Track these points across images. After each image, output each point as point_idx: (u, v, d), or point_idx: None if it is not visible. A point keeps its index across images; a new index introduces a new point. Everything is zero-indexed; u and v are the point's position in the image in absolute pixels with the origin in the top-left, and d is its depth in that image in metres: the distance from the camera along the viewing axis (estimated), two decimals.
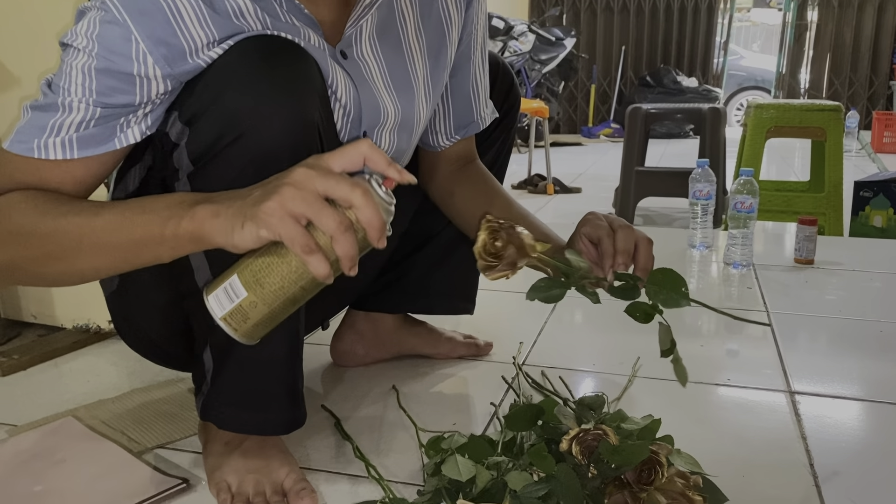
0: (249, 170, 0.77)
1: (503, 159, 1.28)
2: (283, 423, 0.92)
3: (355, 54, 0.92)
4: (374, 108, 0.95)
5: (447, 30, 1.03)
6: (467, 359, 1.34)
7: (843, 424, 1.10)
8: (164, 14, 0.76)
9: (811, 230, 1.97)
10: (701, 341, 1.46)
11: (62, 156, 0.76)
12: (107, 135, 0.78)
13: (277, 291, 0.69)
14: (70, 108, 0.75)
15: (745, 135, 2.85)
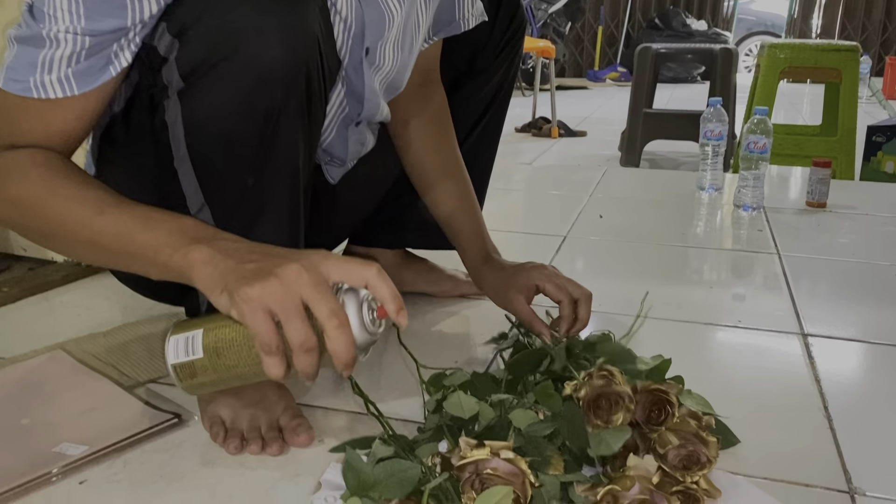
0: (243, 88, 0.72)
1: (505, 92, 1.21)
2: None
3: None
4: (378, 20, 0.89)
5: None
6: (470, 297, 1.30)
7: (857, 367, 1.07)
8: None
9: (825, 172, 1.91)
10: (709, 283, 1.42)
11: (62, 94, 0.71)
12: (101, 64, 0.72)
13: (231, 368, 0.67)
14: (57, 41, 0.69)
15: (758, 76, 2.76)
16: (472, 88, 1.18)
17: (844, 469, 0.81)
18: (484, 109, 1.20)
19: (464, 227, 1.09)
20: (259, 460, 0.82)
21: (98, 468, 0.80)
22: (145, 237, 0.69)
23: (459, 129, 1.14)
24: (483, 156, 1.25)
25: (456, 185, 1.09)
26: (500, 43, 1.16)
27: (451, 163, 1.10)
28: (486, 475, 0.67)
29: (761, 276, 1.45)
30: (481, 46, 1.15)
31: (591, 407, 0.77)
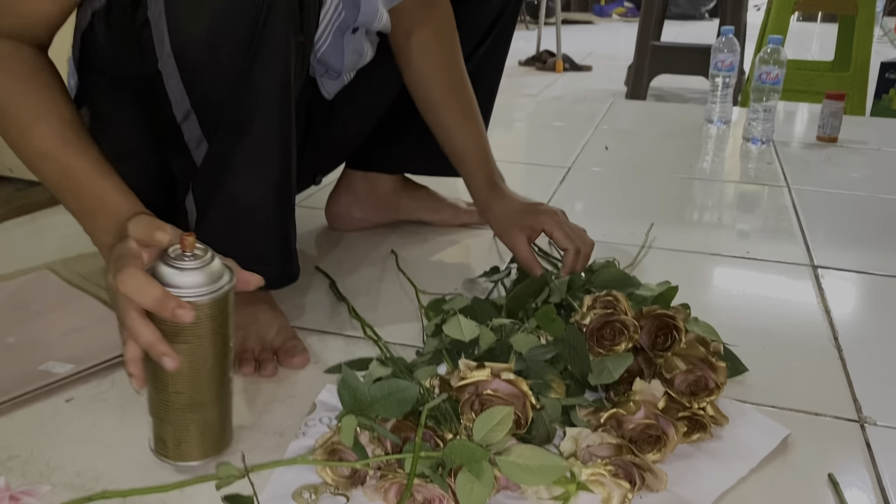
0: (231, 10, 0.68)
1: (511, 10, 1.14)
2: (273, 278, 0.84)
3: None
4: None
5: None
6: (470, 227, 1.26)
7: (868, 299, 1.04)
8: None
9: (838, 106, 1.85)
10: (717, 215, 1.38)
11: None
12: None
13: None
14: None
15: (770, 9, 2.67)
16: (475, 3, 1.10)
17: (854, 399, 0.78)
18: (488, 28, 1.13)
19: (469, 151, 1.04)
20: (252, 381, 0.79)
21: (85, 386, 0.77)
22: (79, 198, 0.69)
23: (463, 46, 1.07)
24: (487, 78, 1.19)
25: (461, 106, 1.03)
26: None
27: (457, 81, 1.04)
28: (486, 396, 0.65)
29: (770, 208, 1.41)
30: None
31: (596, 336, 0.74)
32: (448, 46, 1.03)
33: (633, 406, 0.66)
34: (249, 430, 0.71)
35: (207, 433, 0.63)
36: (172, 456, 0.63)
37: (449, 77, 1.03)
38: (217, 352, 0.61)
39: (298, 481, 0.62)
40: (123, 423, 0.71)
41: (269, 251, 0.82)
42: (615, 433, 0.65)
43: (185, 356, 0.59)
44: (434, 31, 1.02)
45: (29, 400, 0.74)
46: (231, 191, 0.77)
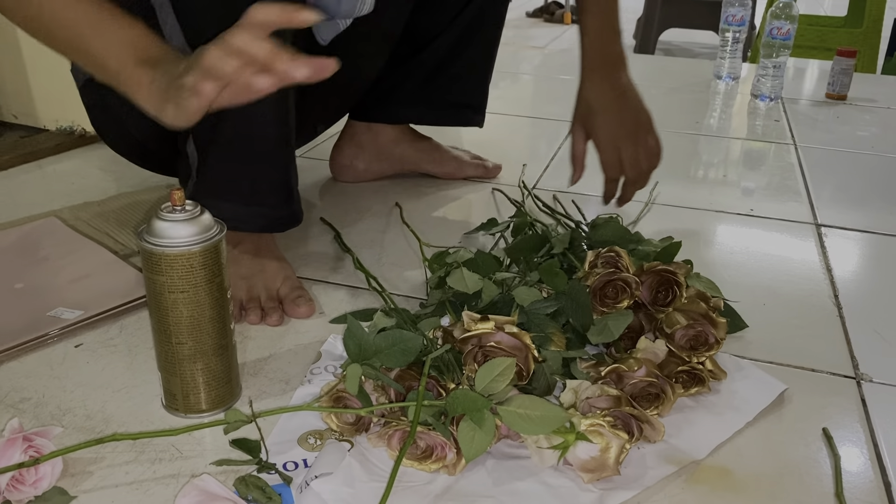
0: None
1: None
2: (276, 220, 0.85)
3: None
4: None
5: None
6: (474, 180, 1.26)
7: (870, 258, 1.05)
8: None
9: (849, 62, 1.83)
10: (722, 172, 1.38)
11: None
12: None
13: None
14: None
15: None
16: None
17: (852, 355, 0.80)
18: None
19: (588, 21, 1.00)
20: (258, 329, 0.80)
21: (94, 332, 0.79)
22: (96, 44, 0.64)
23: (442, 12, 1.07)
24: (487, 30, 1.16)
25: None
26: None
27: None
28: (490, 348, 0.66)
29: (776, 166, 1.40)
30: None
31: (598, 295, 0.75)
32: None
33: (634, 364, 0.67)
34: (255, 376, 0.72)
35: (213, 384, 0.65)
36: (182, 409, 0.65)
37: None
38: (213, 301, 0.62)
39: (304, 427, 0.64)
40: (132, 369, 0.73)
41: (271, 192, 0.83)
42: (615, 387, 0.66)
43: (183, 306, 0.61)
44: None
45: (38, 345, 0.75)
46: (227, 133, 0.77)
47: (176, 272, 0.61)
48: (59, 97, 1.38)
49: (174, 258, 0.60)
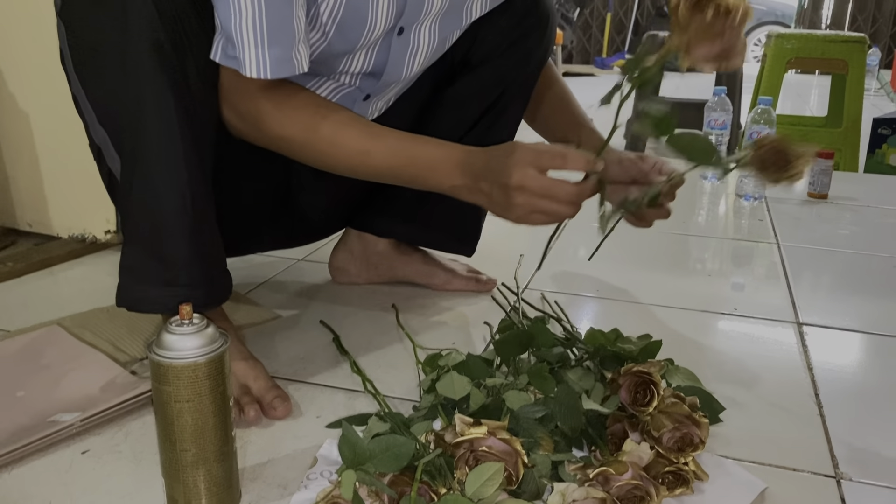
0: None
1: (513, 96, 1.13)
2: (193, 299, 0.85)
3: None
4: (417, 3, 0.92)
5: None
6: (464, 293, 1.27)
7: (850, 357, 1.08)
8: None
9: (827, 164, 1.91)
10: (708, 272, 1.43)
11: None
12: None
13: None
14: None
15: (764, 66, 2.76)
16: (460, 88, 1.11)
17: (832, 455, 0.82)
18: (483, 110, 1.12)
19: (561, 126, 1.13)
20: (258, 433, 0.83)
21: (100, 438, 0.82)
22: (425, 175, 0.88)
23: (453, 129, 1.11)
24: None
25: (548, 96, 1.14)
26: (506, 37, 1.08)
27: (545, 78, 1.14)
28: (481, 452, 0.69)
29: (760, 265, 1.46)
30: (482, 37, 1.08)
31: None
32: (559, 95, 1.15)
33: (621, 467, 0.70)
34: (255, 482, 0.75)
35: (215, 489, 0.68)
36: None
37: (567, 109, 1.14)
38: (217, 409, 0.66)
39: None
40: (136, 476, 0.76)
41: (185, 272, 0.85)
42: (602, 489, 0.69)
43: (188, 414, 0.64)
44: (551, 95, 1.14)
45: (46, 451, 0.78)
46: (139, 219, 0.83)
47: (182, 382, 0.65)
48: (72, 206, 1.44)
49: (181, 369, 0.64)
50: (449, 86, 1.12)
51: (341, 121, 0.87)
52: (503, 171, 0.82)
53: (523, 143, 0.84)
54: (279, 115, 0.86)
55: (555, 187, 0.82)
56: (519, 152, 0.82)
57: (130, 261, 0.86)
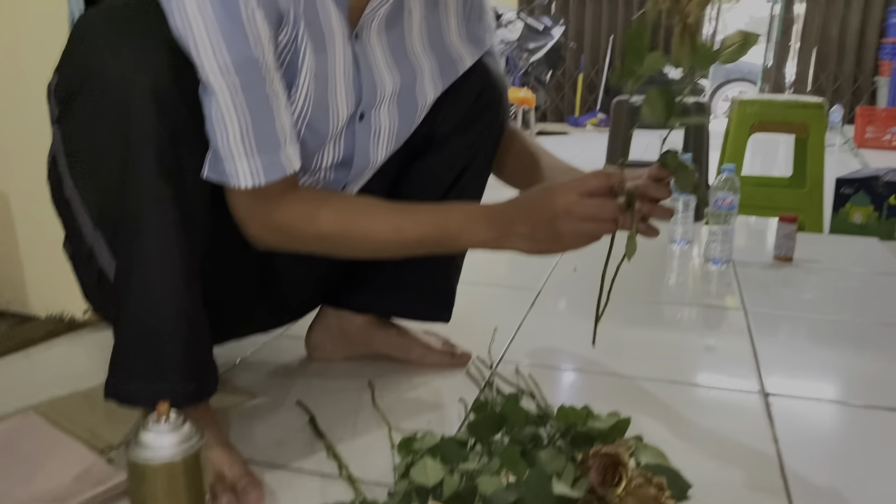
0: (98, 108, 0.82)
1: (475, 171, 1.19)
2: (179, 395, 0.88)
3: (364, 38, 0.97)
4: (371, 86, 0.99)
5: (446, 24, 1.07)
6: (440, 368, 1.28)
7: (815, 427, 1.11)
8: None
9: (790, 228, 1.98)
10: (678, 338, 1.46)
11: None
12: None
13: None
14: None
15: (729, 129, 2.85)
16: (429, 163, 1.17)
17: None
18: (453, 180, 1.18)
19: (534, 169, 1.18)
20: None
21: None
22: (454, 241, 0.96)
23: (426, 200, 1.13)
24: None
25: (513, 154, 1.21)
26: (463, 116, 1.14)
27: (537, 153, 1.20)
28: None
29: (727, 333, 1.50)
30: (441, 118, 1.14)
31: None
32: (524, 147, 1.21)
33: None
34: None
35: None
36: None
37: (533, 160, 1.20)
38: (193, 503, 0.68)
39: None
40: None
41: (173, 368, 0.88)
42: None
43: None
44: (514, 151, 1.21)
45: None
46: (129, 312, 0.86)
47: (159, 481, 0.66)
48: (50, 285, 1.46)
49: (157, 469, 0.66)
50: (417, 161, 1.18)
51: (371, 207, 0.97)
52: (545, 205, 0.91)
53: (551, 184, 0.93)
54: (314, 215, 0.93)
55: (599, 206, 0.90)
56: (556, 186, 0.91)
57: (122, 356, 0.89)
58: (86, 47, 0.82)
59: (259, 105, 0.84)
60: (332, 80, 0.95)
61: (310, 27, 0.90)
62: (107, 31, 0.82)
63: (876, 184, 2.67)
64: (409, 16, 1.03)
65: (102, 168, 0.85)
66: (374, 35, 0.99)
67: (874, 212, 2.66)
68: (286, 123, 0.88)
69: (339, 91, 0.96)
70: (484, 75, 1.16)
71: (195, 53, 0.80)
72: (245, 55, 0.81)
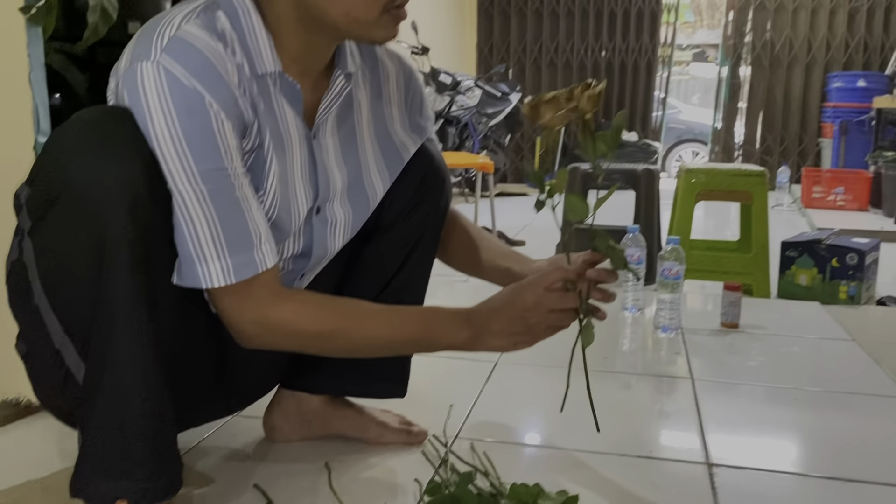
0: (73, 221, 0.86)
1: (423, 249, 1.25)
2: (143, 492, 0.90)
3: (321, 136, 1.05)
4: (325, 183, 1.06)
5: (390, 116, 1.15)
6: (397, 447, 1.30)
7: (758, 497, 1.16)
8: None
9: (735, 296, 2.06)
10: (628, 409, 1.51)
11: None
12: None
13: None
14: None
15: (677, 196, 2.96)
16: (378, 247, 1.22)
17: None
18: (401, 262, 1.23)
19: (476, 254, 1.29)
20: None
21: None
22: (435, 342, 1.06)
23: (369, 286, 1.22)
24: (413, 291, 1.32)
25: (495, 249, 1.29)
26: (410, 201, 1.21)
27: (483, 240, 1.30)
28: None
29: (675, 403, 1.55)
30: (387, 203, 1.20)
31: None
32: (465, 231, 1.30)
33: None
34: None
35: None
36: None
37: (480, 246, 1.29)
38: None
39: None
40: None
41: (138, 464, 0.90)
42: None
43: None
44: (456, 234, 1.29)
45: None
46: (96, 409, 0.88)
47: None
48: (6, 369, 1.46)
49: None
50: (366, 246, 1.23)
51: (363, 308, 1.05)
52: (515, 302, 1.02)
53: (519, 282, 1.05)
54: (309, 315, 0.99)
55: (562, 298, 1.01)
56: (524, 284, 1.03)
57: (90, 455, 0.91)
58: (61, 159, 0.87)
59: (229, 208, 0.90)
60: (292, 180, 1.01)
61: (272, 134, 0.96)
62: (81, 143, 0.86)
63: (818, 247, 2.78)
64: (358, 109, 1.11)
65: (75, 275, 0.88)
66: (329, 133, 1.06)
67: (818, 274, 2.77)
68: (260, 223, 0.94)
69: (298, 189, 1.02)
70: (427, 161, 1.23)
71: (165, 165, 0.86)
72: (215, 165, 0.88)
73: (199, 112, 0.86)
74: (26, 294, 0.94)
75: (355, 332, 1.02)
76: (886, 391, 1.61)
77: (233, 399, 1.22)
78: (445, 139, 5.70)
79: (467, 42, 7.31)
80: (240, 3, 0.94)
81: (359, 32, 0.96)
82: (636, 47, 6.95)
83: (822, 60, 6.55)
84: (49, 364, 0.96)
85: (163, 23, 0.89)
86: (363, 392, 1.31)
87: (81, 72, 1.68)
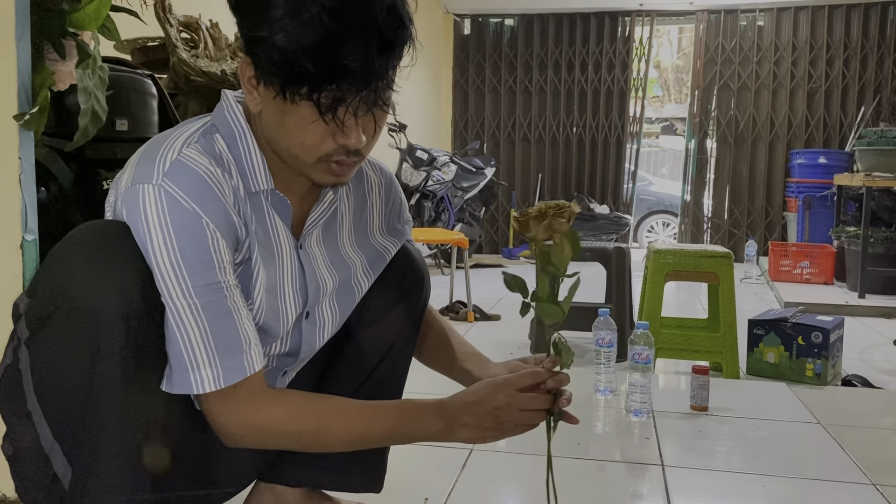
0: (70, 333, 0.89)
1: (402, 345, 1.29)
2: None
3: (307, 246, 1.10)
4: (315, 287, 1.11)
5: (371, 222, 1.22)
6: None
7: None
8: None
9: (704, 379, 2.11)
10: (600, 496, 1.54)
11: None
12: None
13: None
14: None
15: (646, 275, 3.04)
16: (360, 343, 1.26)
17: None
18: (376, 363, 1.27)
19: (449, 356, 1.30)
20: None
21: None
22: (411, 435, 1.07)
23: (349, 381, 1.26)
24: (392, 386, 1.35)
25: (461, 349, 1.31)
26: (390, 298, 1.25)
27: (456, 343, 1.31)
28: None
29: (645, 492, 1.58)
30: (369, 300, 1.24)
31: None
32: (441, 331, 1.32)
33: None
34: None
35: None
36: None
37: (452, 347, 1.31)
38: None
39: None
40: None
41: None
42: None
43: None
44: (432, 334, 1.32)
45: None
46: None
47: None
48: None
49: None
50: (348, 342, 1.27)
51: (343, 405, 1.07)
52: (488, 399, 1.04)
53: (492, 378, 1.07)
54: (293, 416, 1.01)
55: (534, 399, 1.05)
56: (498, 382, 1.05)
57: None
58: (60, 273, 0.91)
59: (222, 318, 0.94)
60: (281, 289, 1.06)
61: (261, 247, 1.02)
62: (80, 261, 0.91)
63: (784, 325, 2.86)
64: (341, 221, 1.17)
65: (69, 388, 0.91)
66: (314, 242, 1.11)
67: (784, 352, 2.83)
68: (249, 329, 0.98)
69: (287, 296, 1.07)
70: (407, 261, 1.29)
71: (161, 280, 0.91)
72: (210, 280, 0.93)
73: (198, 232, 0.92)
74: (19, 400, 0.96)
75: (337, 430, 1.05)
76: (850, 477, 1.65)
77: (213, 494, 1.23)
78: (422, 213, 5.80)
79: (443, 118, 7.52)
80: (237, 126, 1.01)
81: (299, 169, 1.02)
82: (606, 123, 7.18)
83: (784, 137, 6.81)
84: (37, 467, 0.98)
85: (165, 145, 0.96)
86: (339, 486, 1.32)
87: (67, 165, 1.72)
